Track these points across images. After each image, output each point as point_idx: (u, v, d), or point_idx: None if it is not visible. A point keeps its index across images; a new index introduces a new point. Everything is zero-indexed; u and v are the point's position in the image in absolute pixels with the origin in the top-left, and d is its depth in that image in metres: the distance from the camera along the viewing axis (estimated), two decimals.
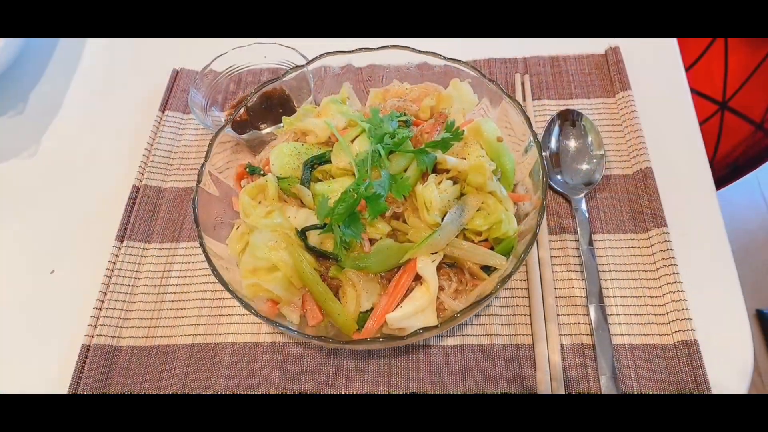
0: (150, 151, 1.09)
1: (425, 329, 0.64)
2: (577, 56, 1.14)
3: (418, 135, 0.81)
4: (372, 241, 0.73)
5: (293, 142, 0.83)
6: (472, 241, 0.75)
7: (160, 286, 0.94)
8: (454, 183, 0.77)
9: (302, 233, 0.74)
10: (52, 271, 0.99)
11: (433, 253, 0.72)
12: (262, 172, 0.84)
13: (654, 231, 0.88)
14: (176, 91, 1.19)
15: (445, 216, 0.73)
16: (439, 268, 0.73)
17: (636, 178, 0.95)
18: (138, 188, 1.05)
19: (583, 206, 0.91)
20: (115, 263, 0.96)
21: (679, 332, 0.79)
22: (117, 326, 0.90)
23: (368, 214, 0.71)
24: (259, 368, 0.85)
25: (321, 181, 0.79)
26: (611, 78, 1.09)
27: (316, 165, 0.79)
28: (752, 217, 2.25)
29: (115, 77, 1.27)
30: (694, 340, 0.77)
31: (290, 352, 0.86)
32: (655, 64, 1.11)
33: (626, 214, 0.92)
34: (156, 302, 0.92)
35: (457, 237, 0.73)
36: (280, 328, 0.67)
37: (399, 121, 0.79)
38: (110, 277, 0.94)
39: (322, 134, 0.82)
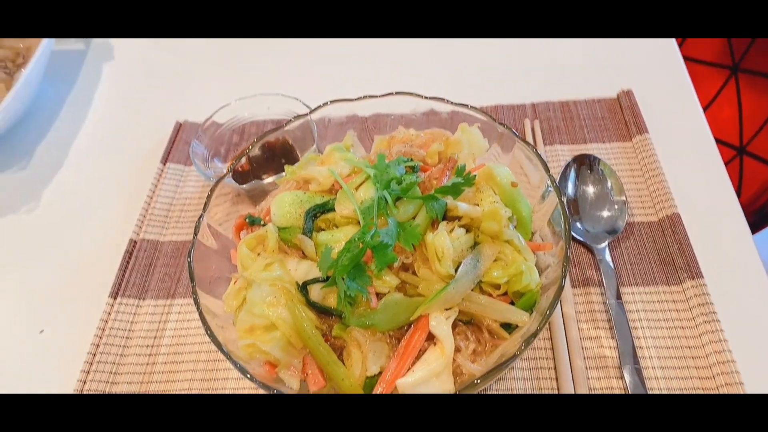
0: (150, 204, 1.06)
1: (441, 397, 0.57)
2: (588, 100, 1.11)
3: (427, 181, 0.76)
4: (379, 296, 0.66)
5: (295, 190, 0.78)
6: (490, 296, 0.68)
7: (152, 346, 0.87)
8: (467, 231, 0.71)
9: (303, 287, 0.68)
10: (41, 331, 0.93)
11: (447, 309, 0.65)
12: (262, 223, 0.79)
13: (689, 283, 0.81)
14: (178, 143, 1.17)
15: (458, 267, 0.67)
16: (454, 326, 0.66)
17: (663, 225, 0.88)
18: (135, 242, 1.00)
19: (608, 256, 0.84)
20: (107, 321, 0.90)
21: None
22: (104, 391, 0.82)
23: (375, 265, 0.65)
24: None
25: (324, 230, 0.73)
26: (626, 121, 1.04)
27: (318, 214, 0.74)
28: None
29: (121, 131, 1.25)
30: None
31: None
32: (670, 106, 1.07)
33: (655, 265, 0.85)
34: (147, 364, 0.85)
35: (473, 290, 0.67)
36: (275, 393, 0.59)
37: (406, 166, 0.75)
38: (101, 337, 0.88)
39: (325, 182, 0.78)
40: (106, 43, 1.47)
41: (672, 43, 1.19)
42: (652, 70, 1.15)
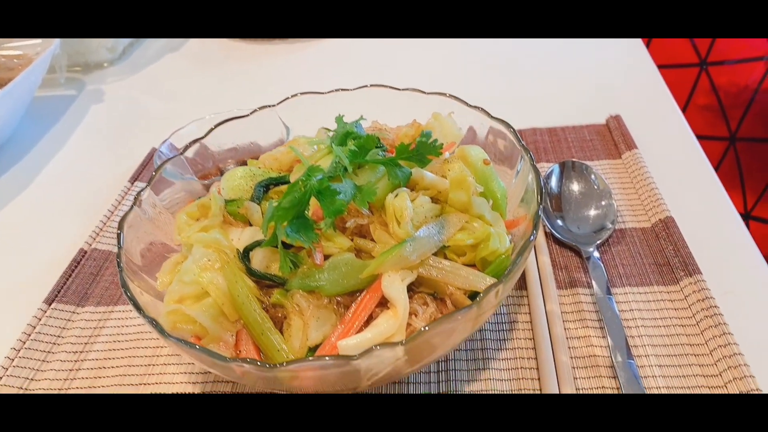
0: (109, 218, 0.99)
1: (383, 345, 0.46)
2: (576, 126, 1.08)
3: None
4: (328, 258, 0.58)
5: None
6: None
7: (81, 352, 0.76)
8: (434, 202, 0.64)
9: (245, 254, 0.60)
10: None
11: (403, 270, 0.56)
12: None
13: (687, 280, 0.71)
14: (150, 166, 1.13)
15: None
16: (413, 294, 0.57)
17: (656, 229, 0.81)
18: (85, 252, 0.92)
19: (596, 254, 0.76)
20: (35, 327, 0.80)
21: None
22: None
23: (324, 222, 0.58)
24: None
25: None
26: (615, 141, 1.01)
27: (271, 186, 0.68)
28: None
29: (96, 162, 1.22)
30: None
31: None
32: (659, 129, 1.04)
33: (649, 266, 0.76)
34: (71, 370, 0.74)
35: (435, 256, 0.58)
36: (195, 349, 0.49)
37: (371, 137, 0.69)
38: (24, 342, 0.77)
39: (283, 158, 0.72)
40: (97, 89, 1.50)
41: (657, 75, 1.19)
42: (639, 100, 1.14)
